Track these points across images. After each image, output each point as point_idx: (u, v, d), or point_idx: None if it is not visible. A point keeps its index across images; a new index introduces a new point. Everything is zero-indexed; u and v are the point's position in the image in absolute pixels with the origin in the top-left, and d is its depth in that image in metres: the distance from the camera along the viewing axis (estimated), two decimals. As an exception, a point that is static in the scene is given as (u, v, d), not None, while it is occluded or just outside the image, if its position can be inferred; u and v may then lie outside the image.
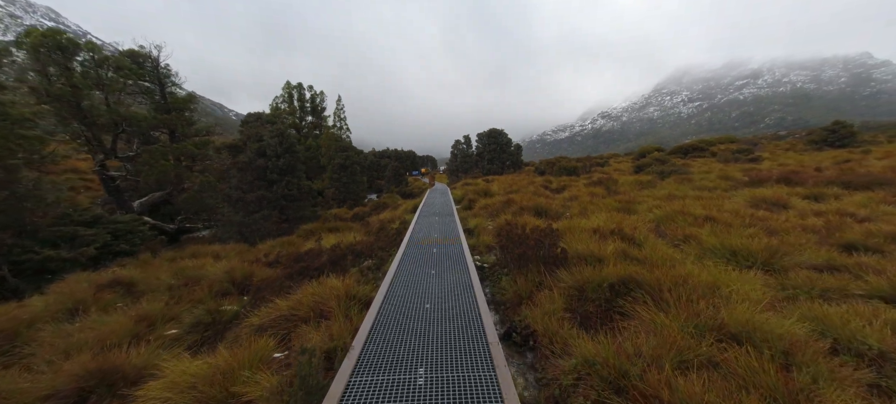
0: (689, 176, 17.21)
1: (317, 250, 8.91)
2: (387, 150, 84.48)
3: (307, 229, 14.16)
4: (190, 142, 15.79)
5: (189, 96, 16.26)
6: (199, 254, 10.63)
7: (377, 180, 57.62)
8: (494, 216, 11.35)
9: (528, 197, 12.87)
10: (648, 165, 21.92)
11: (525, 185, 17.52)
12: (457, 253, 6.57)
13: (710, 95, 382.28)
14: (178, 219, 15.56)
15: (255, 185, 13.34)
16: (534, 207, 10.17)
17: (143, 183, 14.10)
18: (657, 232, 7.18)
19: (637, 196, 12.22)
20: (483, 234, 8.51)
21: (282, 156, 13.99)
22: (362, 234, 11.28)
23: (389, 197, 31.39)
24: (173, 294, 7.55)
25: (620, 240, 6.00)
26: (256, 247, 12.61)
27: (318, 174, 28.62)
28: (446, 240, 7.79)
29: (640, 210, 9.40)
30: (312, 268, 7.63)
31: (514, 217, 9.14)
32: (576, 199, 12.80)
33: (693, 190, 12.90)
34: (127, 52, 14.42)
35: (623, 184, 15.84)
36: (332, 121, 29.72)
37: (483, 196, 14.90)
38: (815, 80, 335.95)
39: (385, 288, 4.95)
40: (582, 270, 4.53)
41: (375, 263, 7.64)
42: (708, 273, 4.08)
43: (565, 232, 6.76)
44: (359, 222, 17.62)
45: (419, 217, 11.21)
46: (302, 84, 29.42)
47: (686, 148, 34.60)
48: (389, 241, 9.31)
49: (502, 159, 34.04)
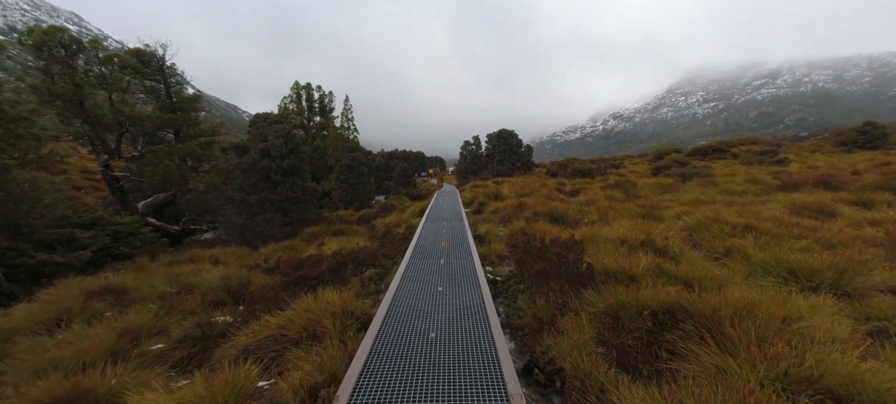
0: (713, 179, 16.23)
1: (317, 257, 8.40)
2: (395, 151, 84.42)
3: (311, 232, 13.71)
4: (195, 143, 15.55)
5: (195, 96, 16.05)
6: (197, 258, 10.25)
7: (385, 181, 57.42)
8: (506, 221, 10.69)
9: (542, 200, 12.17)
10: (667, 167, 20.91)
11: (537, 188, 16.78)
12: (466, 265, 5.95)
13: (727, 96, 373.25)
14: (182, 221, 15.33)
15: (258, 187, 12.97)
16: (549, 213, 9.47)
17: (146, 183, 13.88)
18: (690, 242, 6.43)
19: (659, 200, 11.41)
20: (494, 242, 7.88)
21: (286, 157, 13.60)
22: (366, 239, 10.75)
23: (397, 198, 30.95)
24: (165, 303, 7.12)
25: (652, 252, 5.30)
26: (258, 251, 12.21)
27: (326, 175, 28.33)
28: (454, 248, 7.18)
29: (666, 217, 8.63)
30: (311, 276, 7.10)
31: (528, 223, 8.47)
32: (593, 204, 12.04)
33: (720, 194, 12.00)
34: (132, 51, 14.25)
35: (642, 187, 14.98)
36: (339, 122, 29.45)
37: (493, 199, 14.25)
38: (837, 79, 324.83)
39: (385, 308, 4.36)
40: (613, 291, 3.86)
41: (378, 272, 7.08)
42: (773, 300, 3.37)
43: (587, 242, 6.08)
44: (364, 225, 17.15)
45: (426, 221, 10.63)
46: (310, 84, 29.21)
47: (705, 149, 33.24)
48: (394, 248, 8.75)
49: (512, 160, 33.25)
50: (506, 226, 9.93)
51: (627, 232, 6.66)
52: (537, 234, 5.50)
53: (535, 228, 7.86)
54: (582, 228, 7.71)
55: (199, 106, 15.93)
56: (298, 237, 13.45)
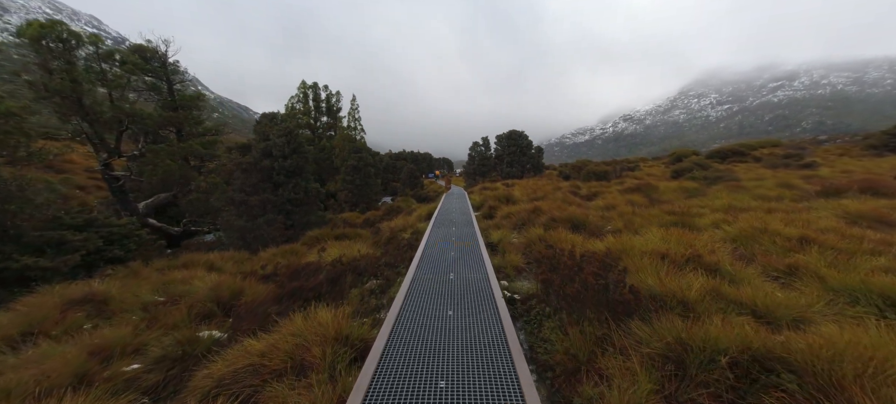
0: (741, 183, 15.17)
1: (315, 265, 7.75)
2: (403, 152, 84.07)
3: (313, 236, 13.11)
4: (197, 142, 15.13)
5: (197, 94, 15.66)
6: (192, 263, 9.71)
7: (393, 182, 56.98)
8: (520, 227, 9.91)
9: (558, 205, 11.35)
10: (688, 170, 19.84)
11: (550, 191, 15.95)
12: (479, 279, 5.20)
13: (741, 98, 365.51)
14: (183, 222, 14.91)
15: (259, 188, 12.44)
16: (567, 219, 8.67)
17: (146, 183, 13.49)
18: (737, 256, 5.58)
19: (688, 206, 10.49)
20: (509, 252, 7.11)
21: (289, 157, 13.05)
22: (370, 245, 10.08)
23: (404, 200, 30.34)
24: (148, 315, 6.54)
25: (700, 269, 4.48)
26: (257, 255, 11.65)
27: (332, 176, 27.86)
28: (464, 258, 6.44)
29: (701, 225, 7.75)
30: (307, 288, 6.45)
31: (546, 231, 7.69)
32: (613, 209, 11.18)
33: (754, 200, 11.03)
34: (134, 47, 13.91)
35: (664, 191, 14.03)
36: (346, 122, 29.00)
37: (505, 203, 13.47)
38: (857, 81, 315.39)
39: (382, 341, 3.64)
40: (669, 323, 3.08)
41: (380, 285, 6.38)
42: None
43: (619, 254, 5.28)
44: (369, 229, 16.51)
45: (434, 226, 9.92)
46: (317, 83, 28.83)
47: (724, 152, 31.87)
48: (399, 255, 8.05)
49: (522, 162, 32.37)
50: (520, 232, 9.16)
51: (663, 243, 5.83)
52: (565, 248, 4.71)
53: (554, 237, 7.08)
54: (607, 237, 6.90)
55: (201, 104, 15.54)
56: (300, 241, 12.87)
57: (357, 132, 28.53)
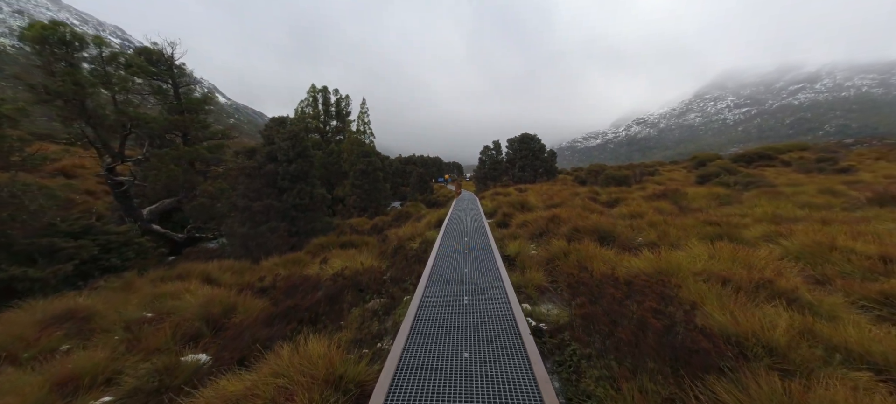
0: (777, 189, 14.00)
1: (314, 279, 7.09)
2: (412, 156, 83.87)
3: (318, 244, 12.53)
4: (203, 146, 14.80)
5: (204, 97, 15.38)
6: (188, 273, 9.19)
7: (402, 186, 56.59)
8: (538, 237, 9.09)
9: (578, 213, 10.48)
10: (715, 175, 18.64)
11: (568, 197, 15.05)
12: (499, 305, 4.43)
13: (760, 101, 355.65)
14: (187, 228, 14.54)
15: (263, 193, 11.96)
16: (592, 229, 7.81)
17: (149, 188, 13.17)
18: (807, 278, 4.67)
19: (724, 215, 9.50)
20: (530, 267, 6.31)
21: (293, 162, 12.54)
22: (376, 255, 9.40)
23: (413, 205, 29.71)
24: (131, 334, 5.97)
25: (775, 298, 3.62)
26: (259, 265, 11.10)
27: (341, 180, 27.46)
28: (479, 275, 5.68)
29: (748, 238, 6.81)
30: (303, 307, 5.78)
31: (570, 243, 6.86)
32: (641, 217, 10.24)
33: (798, 208, 9.95)
34: (139, 49, 13.71)
35: (693, 197, 12.99)
36: (355, 126, 28.63)
37: (519, 210, 12.64)
38: (883, 83, 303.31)
39: (382, 393, 2.91)
40: (765, 383, 2.27)
41: (384, 305, 5.66)
42: None
43: (666, 276, 4.45)
44: (377, 236, 15.89)
45: (444, 236, 9.18)
46: (327, 87, 28.58)
47: (750, 155, 30.34)
48: (406, 268, 7.34)
49: (535, 167, 31.42)
50: (539, 243, 8.34)
51: (714, 261, 4.96)
52: (603, 271, 3.89)
53: (580, 251, 6.26)
54: (642, 253, 6.04)
55: (208, 107, 15.24)
56: (305, 249, 12.30)
57: (366, 136, 28.12)
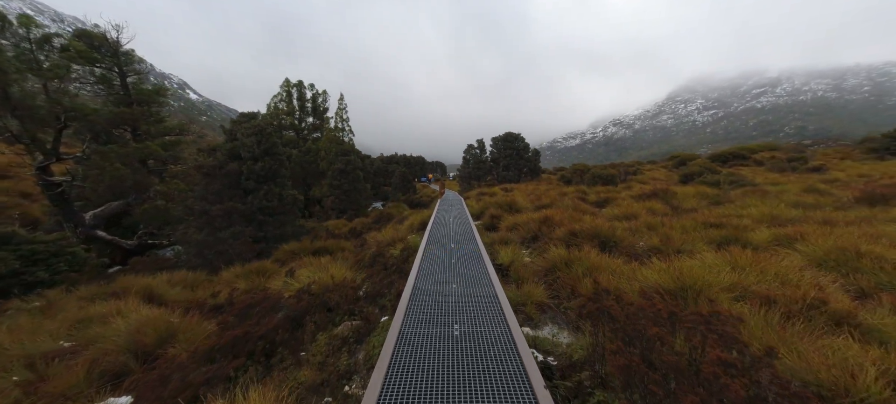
0: (762, 188, 13.95)
1: (274, 297, 6.03)
2: (395, 155, 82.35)
3: (289, 250, 11.35)
4: (157, 142, 13.23)
5: (158, 88, 13.75)
6: (127, 289, 7.87)
7: (384, 186, 55.15)
8: (531, 243, 8.37)
9: (570, 214, 9.85)
10: (697, 174, 18.66)
11: (556, 198, 14.49)
12: (499, 334, 3.59)
13: (726, 104, 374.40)
14: (138, 234, 12.95)
15: (224, 195, 10.65)
16: (591, 233, 7.14)
17: (89, 190, 11.56)
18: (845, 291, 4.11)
19: (720, 215, 9.10)
20: (526, 278, 5.53)
21: (260, 159, 11.27)
22: (351, 264, 8.40)
23: (395, 206, 28.61)
24: (35, 372, 4.76)
25: (833, 323, 2.98)
26: (218, 276, 9.85)
27: (318, 180, 26.03)
28: (471, 294, 4.84)
29: (758, 241, 6.31)
30: (256, 335, 4.75)
31: (568, 249, 6.14)
32: (634, 219, 9.73)
33: (791, 208, 9.71)
34: (78, 32, 12.03)
35: (683, 197, 12.68)
36: (333, 123, 27.23)
37: (508, 211, 11.93)
38: (836, 88, 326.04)
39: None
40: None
41: (355, 330, 4.72)
42: None
43: (690, 294, 3.77)
44: (355, 240, 14.80)
45: (428, 243, 8.29)
46: (302, 82, 27.00)
47: (725, 155, 31.10)
48: (385, 281, 6.41)
49: (519, 166, 30.99)
50: (533, 249, 7.61)
51: (739, 273, 4.33)
52: (656, 305, 3.10)
53: (582, 259, 5.54)
54: (652, 261, 5.38)
55: (162, 99, 13.65)
56: (272, 257, 11.10)
57: (345, 133, 26.78)
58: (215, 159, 11.18)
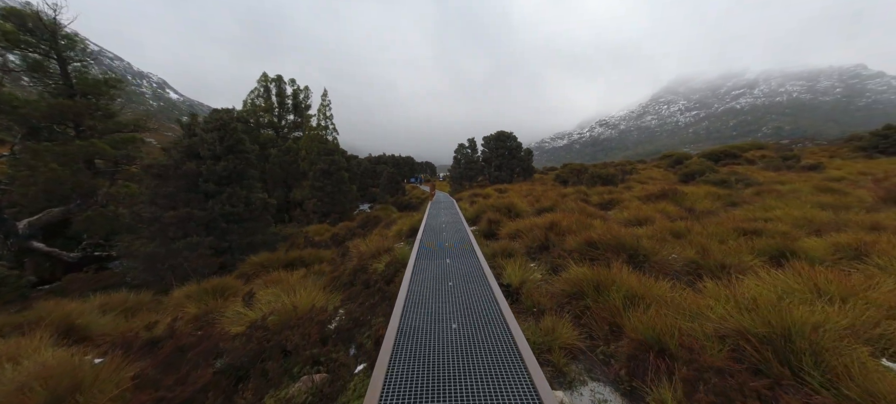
0: (772, 188, 13.19)
1: (217, 337, 4.66)
2: (383, 156, 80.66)
3: (257, 263, 9.88)
4: (106, 140, 11.54)
5: (107, 78, 12.05)
6: (43, 318, 6.33)
7: (371, 188, 53.47)
8: (539, 253, 7.19)
9: (577, 219, 8.73)
10: (698, 173, 17.94)
11: (556, 199, 13.41)
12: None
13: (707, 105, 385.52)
14: (82, 245, 11.25)
15: (179, 200, 9.13)
16: (612, 244, 6.00)
17: (19, 194, 9.86)
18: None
19: (746, 219, 8.14)
20: (545, 309, 4.34)
21: (223, 158, 9.76)
22: (325, 283, 7.06)
23: (383, 209, 27.19)
24: None
25: None
26: (169, 296, 8.35)
27: (300, 182, 24.41)
28: (480, 338, 3.61)
29: (812, 251, 5.28)
30: (180, 400, 3.41)
31: (592, 266, 4.98)
32: (649, 223, 8.68)
33: (818, 209, 8.85)
34: (6, 11, 10.31)
35: (693, 198, 11.76)
36: (316, 121, 25.62)
37: (506, 215, 10.75)
38: (810, 90, 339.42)
39: None
40: None
41: (322, 384, 3.42)
42: None
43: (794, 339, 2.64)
44: (337, 247, 13.39)
45: (419, 254, 7.02)
46: (281, 76, 25.28)
47: (717, 154, 30.85)
48: (364, 309, 5.12)
49: (512, 166, 29.96)
50: (541, 262, 6.42)
51: (839, 307, 3.24)
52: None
53: (617, 282, 4.37)
54: (702, 283, 4.26)
55: (113, 91, 11.96)
56: (238, 270, 9.62)
57: (328, 132, 25.21)
58: (169, 158, 9.61)
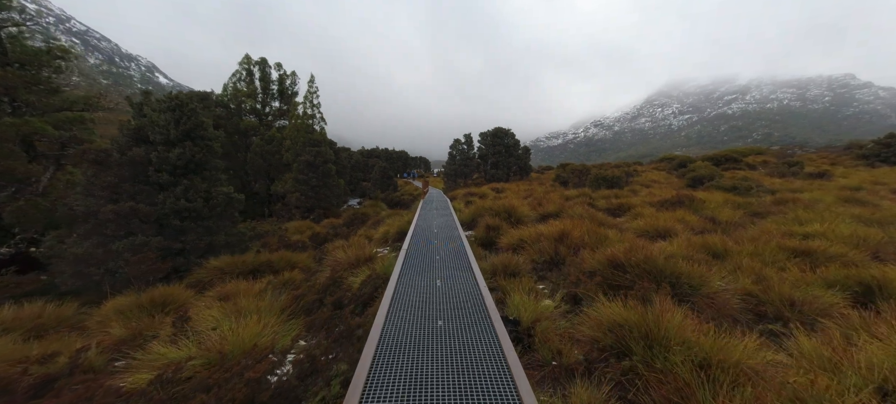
0: (794, 197, 12.18)
1: (103, 396, 3.34)
2: (376, 149, 78.89)
3: (216, 268, 8.46)
4: (47, 119, 9.95)
5: (49, 48, 10.39)
6: None
7: (362, 182, 51.86)
8: (548, 271, 5.97)
9: (589, 228, 7.54)
10: (707, 178, 16.96)
11: (560, 203, 12.22)
12: None
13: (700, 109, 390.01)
14: (13, 241, 9.70)
15: (122, 192, 7.66)
16: (644, 267, 4.80)
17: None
18: None
19: (787, 234, 7.05)
20: (572, 369, 3.12)
21: (178, 144, 8.27)
22: (286, 303, 5.74)
23: (372, 205, 25.79)
24: None
25: None
26: (100, 308, 6.93)
27: (282, 174, 22.86)
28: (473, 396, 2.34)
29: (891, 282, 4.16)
30: None
31: (625, 299, 3.77)
32: (672, 236, 7.53)
33: (858, 223, 7.81)
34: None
35: (712, 206, 10.67)
36: (302, 109, 24.01)
37: (506, 220, 9.50)
38: (800, 97, 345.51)
39: None
40: None
41: None
42: None
43: None
44: (317, 249, 12.04)
45: (404, 269, 5.72)
46: (266, 59, 23.56)
47: (718, 158, 30.09)
48: (327, 345, 3.85)
49: (508, 163, 28.77)
50: (553, 285, 5.20)
51: None
52: None
53: (670, 330, 3.16)
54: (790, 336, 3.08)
55: (56, 62, 10.33)
56: (191, 277, 8.19)
57: (315, 121, 23.63)
58: (113, 143, 8.08)
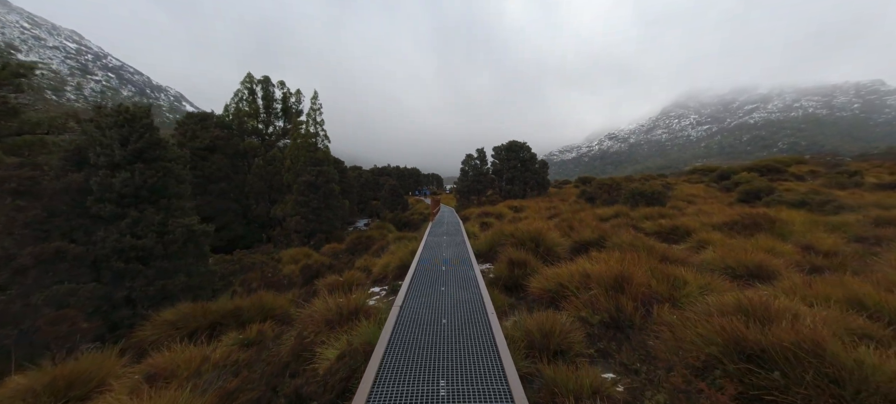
0: (892, 214, 9.73)
1: None
2: (387, 167, 78.18)
3: (168, 322, 6.73)
4: (2, 141, 8.72)
5: (9, 64, 9.27)
6: None
7: (372, 201, 50.60)
8: (609, 343, 3.95)
9: (650, 264, 5.46)
10: (764, 192, 14.52)
11: (592, 223, 10.11)
12: None
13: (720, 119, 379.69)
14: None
15: (51, 228, 6.15)
16: (807, 360, 2.78)
17: None
18: None
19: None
20: None
21: (126, 166, 6.79)
22: (222, 395, 3.89)
23: (379, 227, 24.09)
24: None
25: None
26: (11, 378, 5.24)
27: (283, 196, 21.46)
28: None
29: None
30: None
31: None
32: (775, 279, 5.38)
33: None
34: None
35: (799, 230, 8.39)
36: (305, 128, 22.87)
37: (534, 253, 7.46)
38: (827, 105, 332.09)
39: None
40: None
41: None
42: None
43: None
44: (307, 286, 10.25)
45: (390, 348, 3.80)
46: (268, 77, 22.72)
47: (761, 168, 27.27)
48: None
49: (525, 178, 26.77)
50: (617, 365, 3.21)
51: None
52: None
53: None
54: None
55: (17, 81, 9.19)
56: (131, 336, 6.50)
57: (319, 139, 22.41)
58: (46, 167, 6.63)
